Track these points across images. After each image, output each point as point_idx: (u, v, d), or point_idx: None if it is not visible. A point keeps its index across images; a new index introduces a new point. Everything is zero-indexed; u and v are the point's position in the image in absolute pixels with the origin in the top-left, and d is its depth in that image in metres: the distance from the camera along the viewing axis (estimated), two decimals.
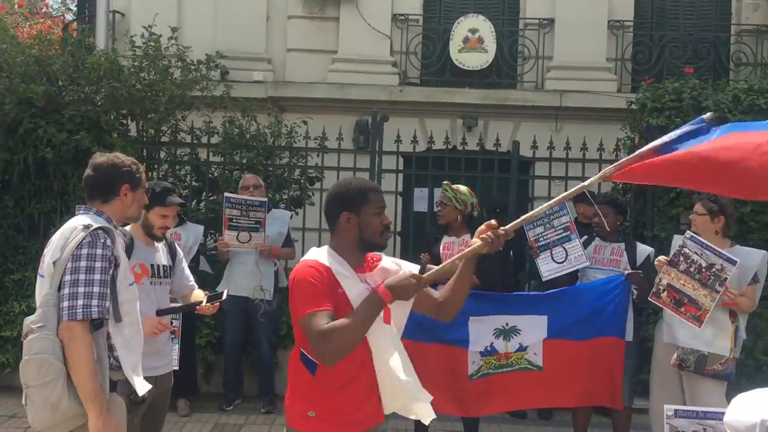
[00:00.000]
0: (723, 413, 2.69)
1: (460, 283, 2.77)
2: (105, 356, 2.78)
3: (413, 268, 2.73)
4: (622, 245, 5.19)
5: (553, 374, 4.85)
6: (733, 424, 2.41)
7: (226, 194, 5.97)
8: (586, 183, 2.97)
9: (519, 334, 4.85)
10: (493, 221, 2.69)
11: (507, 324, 4.85)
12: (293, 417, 2.63)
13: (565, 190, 6.82)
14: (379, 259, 2.76)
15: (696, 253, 4.43)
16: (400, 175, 7.31)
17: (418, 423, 5.05)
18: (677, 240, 4.81)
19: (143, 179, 3.10)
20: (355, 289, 2.57)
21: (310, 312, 2.46)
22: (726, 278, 4.32)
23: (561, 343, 4.85)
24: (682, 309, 4.45)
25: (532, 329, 4.85)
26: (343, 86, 9.16)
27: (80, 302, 2.67)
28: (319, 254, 2.63)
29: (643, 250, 5.23)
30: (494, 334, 4.85)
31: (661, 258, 4.68)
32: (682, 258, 4.49)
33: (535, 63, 9.53)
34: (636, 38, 9.56)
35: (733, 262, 4.33)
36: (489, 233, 2.68)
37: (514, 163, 7.01)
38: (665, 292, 4.54)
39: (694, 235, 4.53)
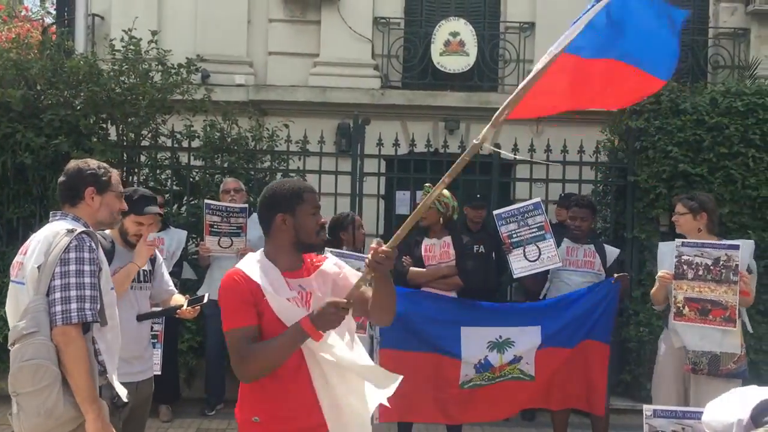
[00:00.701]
0: (701, 413, 2.72)
1: (378, 296, 2.60)
2: (93, 361, 2.77)
3: (353, 272, 2.68)
4: (593, 246, 5.23)
5: (544, 382, 4.87)
6: (711, 423, 2.44)
7: (206, 201, 5.95)
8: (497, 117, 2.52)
9: (513, 345, 4.85)
10: (378, 240, 2.50)
11: (500, 336, 4.84)
12: (240, 424, 2.61)
13: (546, 193, 6.92)
14: (322, 261, 2.71)
15: (696, 255, 4.34)
16: (382, 178, 7.32)
17: (400, 423, 5.07)
18: (664, 247, 4.75)
19: (113, 183, 3.04)
20: (275, 302, 2.49)
21: (232, 329, 2.46)
22: (737, 264, 4.24)
23: (553, 351, 4.86)
24: (710, 317, 4.30)
25: (526, 340, 4.85)
26: (324, 89, 9.15)
27: (74, 306, 2.66)
28: (248, 262, 2.58)
29: (612, 251, 5.29)
30: (488, 347, 4.84)
31: (665, 274, 4.52)
32: (685, 267, 4.37)
33: (516, 66, 9.58)
34: None
35: (735, 248, 4.27)
36: (369, 258, 2.47)
37: (495, 166, 7.05)
38: (686, 307, 4.38)
39: (686, 240, 4.47)
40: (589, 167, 7.17)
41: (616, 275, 4.99)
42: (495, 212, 5.36)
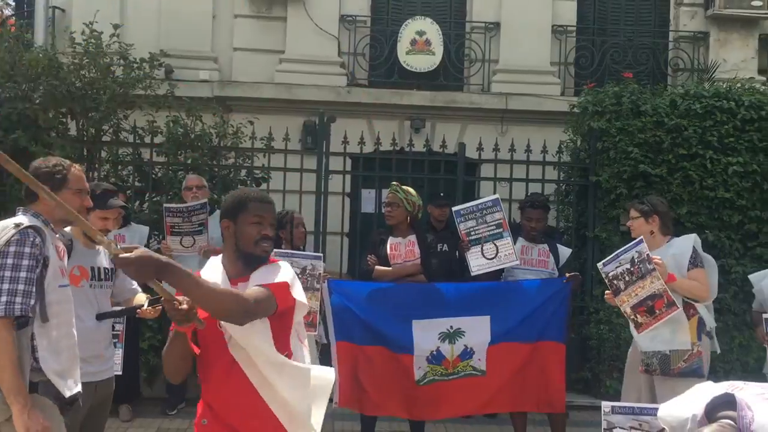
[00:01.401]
0: (657, 409, 2.78)
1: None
2: (26, 356, 2.77)
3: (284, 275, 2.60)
4: (546, 246, 5.31)
5: (496, 378, 4.92)
6: (666, 419, 2.50)
7: (165, 205, 5.92)
8: None
9: (464, 336, 4.90)
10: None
11: (451, 327, 4.90)
12: (195, 425, 2.71)
13: (510, 192, 6.99)
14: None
15: (616, 267, 4.46)
16: (348, 176, 7.32)
17: (364, 422, 5.08)
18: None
19: (70, 180, 3.03)
20: None
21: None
22: (647, 254, 4.34)
23: (504, 346, 4.91)
24: (657, 311, 4.37)
25: (477, 330, 4.91)
26: (290, 86, 9.11)
27: (3, 299, 2.67)
28: (207, 266, 2.70)
29: (564, 251, 5.38)
30: (440, 337, 4.89)
31: (607, 297, 4.63)
32: (615, 282, 4.50)
33: (481, 66, 9.64)
34: (579, 43, 9.76)
35: (640, 242, 4.39)
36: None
37: (460, 165, 7.09)
38: (638, 315, 4.45)
39: (604, 261, 4.58)
40: (552, 167, 7.26)
41: (567, 274, 5.06)
42: (454, 209, 5.37)
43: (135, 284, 3.89)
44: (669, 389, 4.29)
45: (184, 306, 2.34)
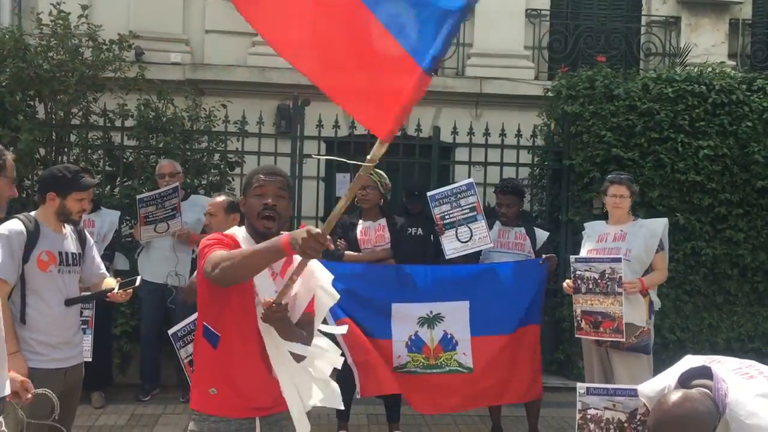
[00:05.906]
0: (631, 390, 2.82)
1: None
2: None
3: (325, 276, 2.71)
4: (523, 229, 5.34)
5: (482, 374, 4.90)
6: (644, 391, 2.61)
7: (139, 197, 5.87)
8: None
9: (443, 321, 4.89)
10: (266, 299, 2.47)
11: (431, 312, 4.88)
12: (196, 398, 2.64)
13: (485, 176, 7.00)
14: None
15: (585, 270, 4.55)
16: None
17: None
18: (590, 229, 4.98)
19: (8, 169, 2.77)
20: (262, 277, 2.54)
21: (215, 252, 2.45)
22: (620, 276, 4.44)
23: (488, 339, 4.90)
24: (601, 329, 4.50)
25: (456, 316, 4.89)
26: (263, 69, 8.99)
27: None
28: (235, 232, 2.68)
29: (541, 234, 5.41)
30: (419, 322, 4.87)
31: (566, 284, 4.77)
32: (579, 281, 4.60)
33: (455, 50, 9.61)
34: (552, 27, 9.77)
35: (618, 260, 4.48)
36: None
37: (435, 149, 7.08)
38: (583, 320, 4.60)
39: (578, 256, 4.70)
40: (527, 151, 7.28)
41: (544, 256, 5.10)
42: (429, 194, 5.38)
43: (103, 269, 3.84)
44: (620, 362, 4.64)
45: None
